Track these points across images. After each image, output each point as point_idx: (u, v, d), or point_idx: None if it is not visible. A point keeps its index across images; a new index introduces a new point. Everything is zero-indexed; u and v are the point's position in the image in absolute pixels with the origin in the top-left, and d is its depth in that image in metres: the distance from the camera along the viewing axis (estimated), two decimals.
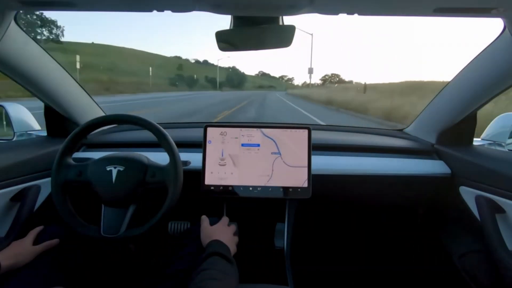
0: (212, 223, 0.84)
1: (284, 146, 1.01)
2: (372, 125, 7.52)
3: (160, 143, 0.86)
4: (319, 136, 1.23)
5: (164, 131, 0.86)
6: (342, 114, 11.87)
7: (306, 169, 1.00)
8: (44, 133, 1.22)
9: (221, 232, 0.79)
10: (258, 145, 1.02)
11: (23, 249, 0.75)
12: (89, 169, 0.85)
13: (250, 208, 1.06)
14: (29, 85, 0.99)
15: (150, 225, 0.82)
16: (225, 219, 0.87)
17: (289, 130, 1.02)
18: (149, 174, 0.84)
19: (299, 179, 1.00)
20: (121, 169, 0.83)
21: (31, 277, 0.71)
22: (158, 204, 0.83)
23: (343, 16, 0.68)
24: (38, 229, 0.82)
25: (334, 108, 14.38)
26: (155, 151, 1.05)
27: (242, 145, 1.02)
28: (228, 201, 1.05)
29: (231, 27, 0.77)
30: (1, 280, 0.69)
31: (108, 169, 0.83)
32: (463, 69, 1.00)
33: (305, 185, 0.99)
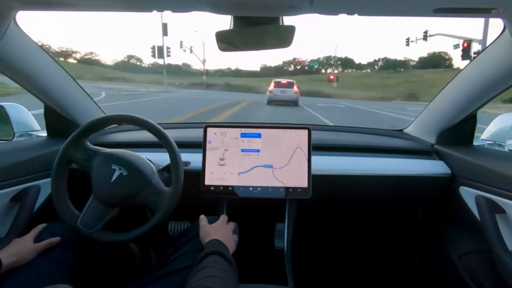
0: (211, 221, 0.83)
1: (284, 146, 1.01)
2: None
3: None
4: (319, 136, 1.23)
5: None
6: None
7: (306, 169, 1.00)
8: (44, 134, 1.22)
9: (219, 230, 0.79)
10: (258, 145, 1.02)
11: (25, 247, 0.75)
12: (96, 158, 0.86)
13: (250, 208, 1.06)
14: (29, 85, 0.99)
15: (125, 238, 0.83)
16: (224, 217, 0.87)
17: (289, 130, 1.02)
18: (146, 191, 0.84)
19: (299, 179, 1.00)
20: (124, 173, 0.83)
21: (32, 275, 0.71)
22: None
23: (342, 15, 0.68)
24: (40, 226, 0.82)
25: None
26: (155, 151, 1.05)
27: (242, 145, 1.02)
28: (228, 201, 1.05)
29: (231, 27, 0.77)
30: (3, 278, 0.69)
31: (113, 167, 0.84)
32: (463, 69, 1.00)
33: (305, 185, 0.99)
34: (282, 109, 12.03)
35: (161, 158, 0.90)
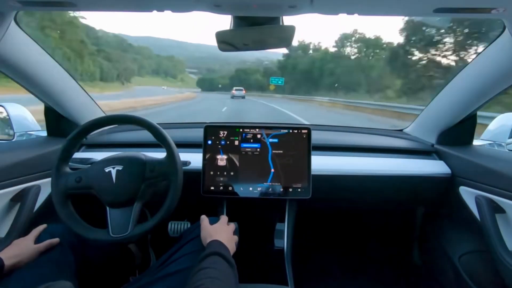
0: (211, 222, 0.83)
1: (284, 146, 1.01)
2: None
3: (159, 142, 0.86)
4: (319, 136, 1.23)
5: (164, 131, 0.86)
6: None
7: (306, 169, 1.00)
8: (44, 133, 1.22)
9: (221, 231, 0.79)
10: (258, 145, 1.02)
11: (26, 248, 0.75)
12: (88, 174, 0.84)
13: (250, 208, 1.06)
14: (29, 85, 0.99)
15: (158, 218, 0.82)
16: (224, 218, 0.87)
17: (289, 130, 1.02)
18: (148, 169, 0.84)
19: (299, 179, 1.00)
20: (120, 168, 0.83)
21: (34, 276, 0.71)
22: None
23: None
24: (40, 227, 0.82)
25: None
26: (155, 151, 1.05)
27: (242, 145, 1.02)
28: (228, 201, 1.05)
29: (231, 27, 0.77)
30: (4, 279, 0.69)
31: (107, 170, 0.83)
32: (463, 69, 1.00)
33: (305, 185, 0.99)
34: None
35: (161, 157, 0.90)
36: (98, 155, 0.92)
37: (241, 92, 23.30)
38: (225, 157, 1.01)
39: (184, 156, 0.91)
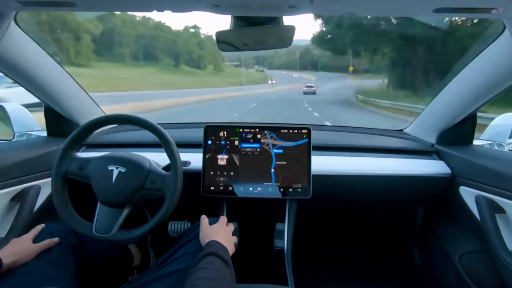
0: (211, 223, 0.84)
1: (284, 146, 1.01)
2: None
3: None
4: (319, 136, 1.23)
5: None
6: None
7: (306, 169, 1.00)
8: (44, 133, 1.22)
9: (219, 231, 0.79)
10: (258, 145, 1.02)
11: (24, 246, 0.75)
12: (91, 165, 0.85)
13: (250, 208, 1.06)
14: (29, 85, 0.99)
15: (141, 232, 0.82)
16: (223, 219, 0.87)
17: (289, 130, 1.02)
18: (149, 180, 0.84)
19: (299, 179, 1.00)
20: (123, 170, 0.83)
21: (33, 276, 0.70)
22: (153, 210, 0.83)
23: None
24: (39, 227, 0.82)
25: None
26: (155, 151, 1.05)
27: (242, 145, 1.02)
28: (228, 201, 1.05)
29: (231, 27, 0.77)
30: (2, 279, 0.69)
31: (110, 168, 0.83)
32: (463, 69, 1.00)
33: (305, 185, 0.99)
34: None
35: (161, 158, 0.90)
36: (98, 155, 0.92)
37: (311, 89, 23.00)
38: (225, 157, 1.01)
39: (184, 156, 0.91)
